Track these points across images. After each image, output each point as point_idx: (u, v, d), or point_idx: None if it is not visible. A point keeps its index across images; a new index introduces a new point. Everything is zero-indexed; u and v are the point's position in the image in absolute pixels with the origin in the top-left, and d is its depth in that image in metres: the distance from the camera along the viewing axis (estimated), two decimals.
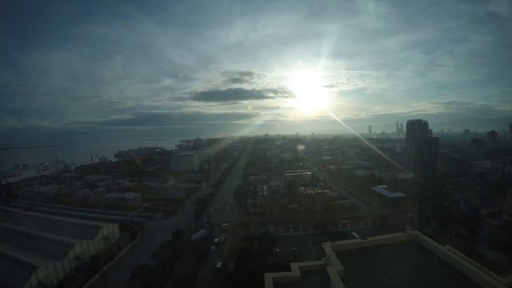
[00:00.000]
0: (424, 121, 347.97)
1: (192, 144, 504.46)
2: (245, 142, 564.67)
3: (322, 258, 19.24)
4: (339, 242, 19.17)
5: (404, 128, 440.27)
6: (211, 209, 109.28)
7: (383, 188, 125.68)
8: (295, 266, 17.54)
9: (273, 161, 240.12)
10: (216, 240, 79.96)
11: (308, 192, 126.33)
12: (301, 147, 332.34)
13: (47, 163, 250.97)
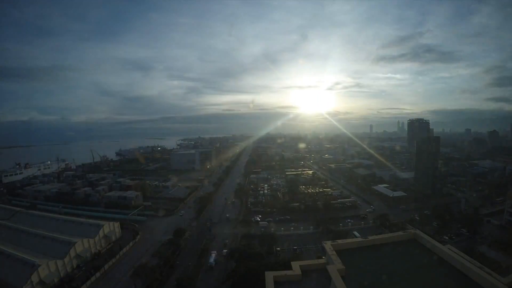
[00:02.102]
0: (425, 120, 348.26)
1: (193, 143, 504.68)
2: (246, 141, 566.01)
3: (323, 257, 19.26)
4: (339, 241, 19.19)
5: (405, 127, 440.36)
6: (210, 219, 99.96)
7: (384, 187, 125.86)
8: (296, 265, 17.56)
9: (274, 160, 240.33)
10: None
11: (309, 190, 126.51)
12: (302, 146, 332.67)
13: (48, 162, 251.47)
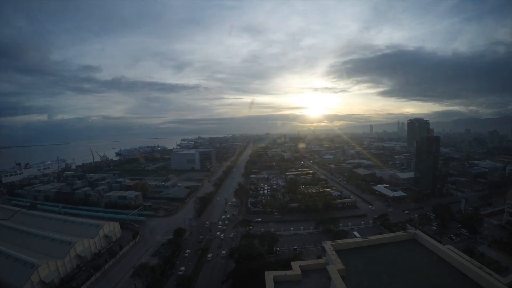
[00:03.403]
0: (425, 120, 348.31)
1: (193, 143, 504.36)
2: (246, 141, 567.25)
3: (323, 257, 19.23)
4: (339, 241, 19.20)
5: (405, 128, 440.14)
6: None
7: (384, 187, 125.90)
8: (295, 265, 17.54)
9: (274, 160, 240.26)
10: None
11: (309, 190, 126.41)
12: (302, 146, 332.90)
13: (48, 162, 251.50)
